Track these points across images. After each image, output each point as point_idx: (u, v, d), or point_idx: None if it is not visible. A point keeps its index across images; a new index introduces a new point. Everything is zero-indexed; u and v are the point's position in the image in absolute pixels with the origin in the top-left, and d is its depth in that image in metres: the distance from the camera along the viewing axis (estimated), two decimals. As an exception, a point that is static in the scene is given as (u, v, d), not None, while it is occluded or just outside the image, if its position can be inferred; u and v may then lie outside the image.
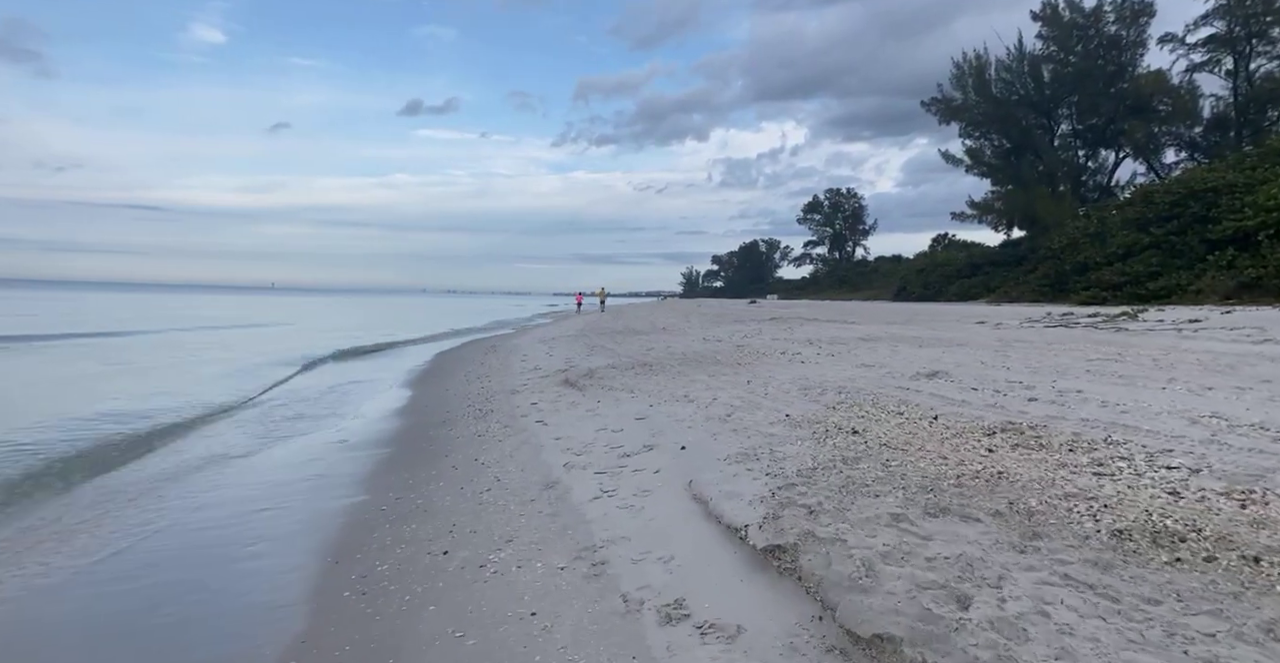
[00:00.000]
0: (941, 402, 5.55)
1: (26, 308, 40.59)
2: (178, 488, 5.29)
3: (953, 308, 33.10)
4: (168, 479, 5.55)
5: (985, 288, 43.83)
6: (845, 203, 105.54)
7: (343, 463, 6.10)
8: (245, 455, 6.43)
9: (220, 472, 5.83)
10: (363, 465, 5.97)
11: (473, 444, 6.31)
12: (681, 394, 7.35)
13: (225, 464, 6.08)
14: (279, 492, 5.20)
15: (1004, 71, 44.11)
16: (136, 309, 44.14)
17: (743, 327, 18.28)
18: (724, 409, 6.18)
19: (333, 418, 8.41)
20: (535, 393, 8.75)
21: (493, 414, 7.72)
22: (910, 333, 13.57)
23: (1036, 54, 42.96)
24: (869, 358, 9.05)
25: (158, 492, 5.17)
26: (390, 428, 7.73)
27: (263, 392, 10.54)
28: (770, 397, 6.58)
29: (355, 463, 6.07)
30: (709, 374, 8.62)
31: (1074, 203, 40.77)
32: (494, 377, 11.14)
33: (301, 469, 5.87)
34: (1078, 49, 41.21)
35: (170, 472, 5.79)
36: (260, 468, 6.00)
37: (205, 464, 6.07)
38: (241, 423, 8.15)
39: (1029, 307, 32.02)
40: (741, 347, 11.82)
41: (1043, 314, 19.78)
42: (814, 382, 7.25)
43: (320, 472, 5.78)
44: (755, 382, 7.70)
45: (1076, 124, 43.10)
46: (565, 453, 5.40)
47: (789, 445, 4.39)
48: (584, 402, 7.64)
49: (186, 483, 5.45)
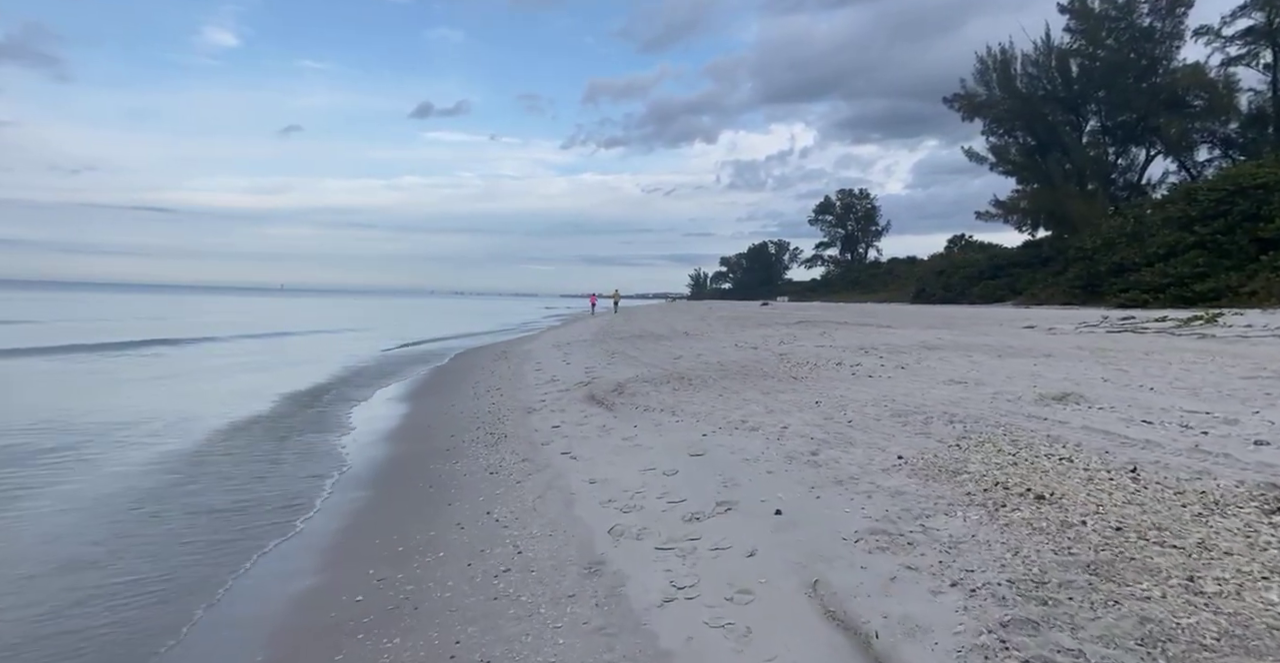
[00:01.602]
0: (1111, 440, 4.15)
1: (67, 311, 37.67)
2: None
3: (982, 311, 31.57)
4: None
5: (1010, 290, 42.28)
6: (857, 204, 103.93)
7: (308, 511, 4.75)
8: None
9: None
10: (332, 518, 4.61)
11: (483, 487, 4.95)
12: (738, 418, 5.98)
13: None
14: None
15: (1030, 66, 42.57)
16: (166, 313, 40.76)
17: (772, 330, 16.89)
18: (804, 444, 4.81)
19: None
20: (556, 413, 7.39)
21: (507, 441, 6.36)
22: (969, 339, 12.14)
23: (1064, 48, 41.39)
24: (952, 372, 7.65)
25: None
26: (379, 457, 6.38)
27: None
28: (859, 426, 5.20)
29: (323, 513, 4.72)
30: (762, 391, 7.24)
31: (1105, 202, 39.16)
32: (506, 389, 9.79)
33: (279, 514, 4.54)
34: (1108, 42, 39.61)
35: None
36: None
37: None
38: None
39: (1061, 309, 30.48)
40: (785, 355, 10.43)
41: (1098, 318, 18.28)
42: (904, 404, 5.87)
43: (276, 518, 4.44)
44: (827, 403, 6.32)
45: (1106, 120, 41.47)
46: (607, 507, 4.04)
47: (946, 518, 3.02)
48: (617, 426, 6.28)
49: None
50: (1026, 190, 43.95)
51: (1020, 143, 43.81)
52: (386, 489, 5.24)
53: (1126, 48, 38.76)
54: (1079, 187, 40.91)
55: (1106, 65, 39.40)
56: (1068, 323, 17.46)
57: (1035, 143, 43.10)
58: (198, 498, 4.99)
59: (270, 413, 8.54)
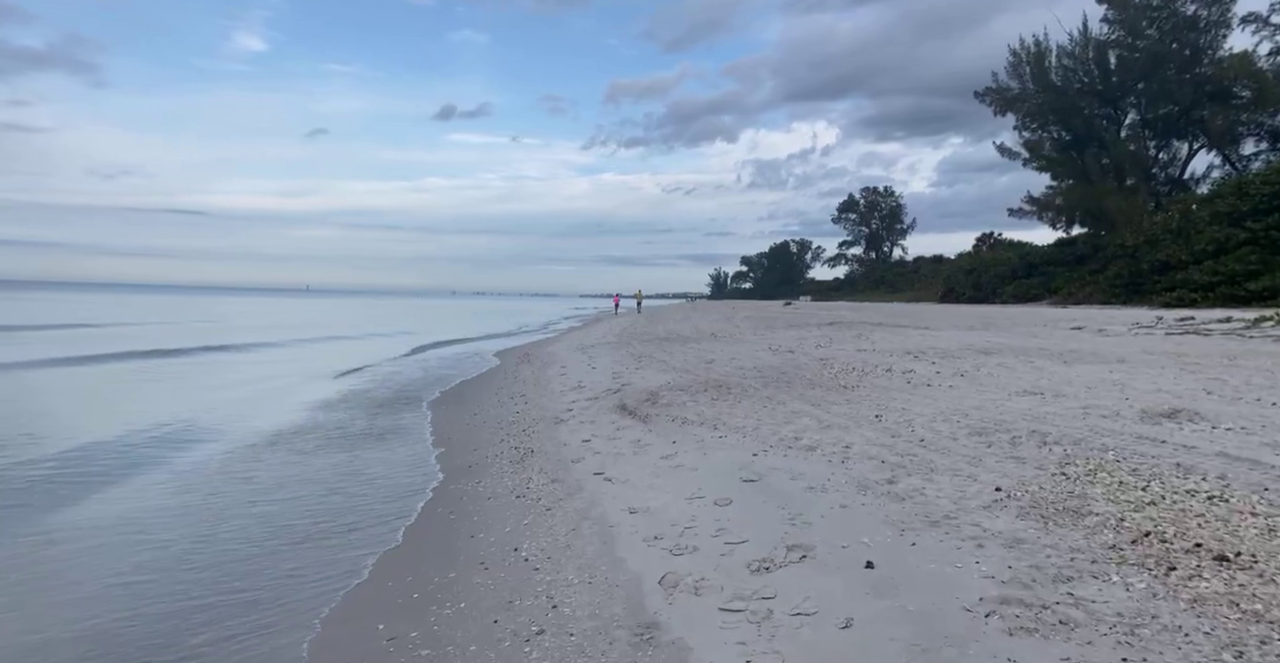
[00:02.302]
0: (1264, 473, 3.47)
1: (113, 314, 35.85)
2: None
3: (1018, 311, 30.46)
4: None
5: (1044, 289, 41.03)
6: (882, 202, 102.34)
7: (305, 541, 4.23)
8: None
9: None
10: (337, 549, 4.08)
11: (509, 514, 4.40)
12: (790, 434, 5.36)
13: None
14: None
15: (1065, 58, 41.27)
16: (210, 316, 38.54)
17: (804, 332, 16.19)
18: (875, 469, 4.18)
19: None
20: (586, 424, 6.82)
21: (534, 458, 5.81)
22: (1020, 342, 11.37)
23: (1102, 39, 40.01)
24: (1020, 380, 6.95)
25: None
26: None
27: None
28: (935, 447, 4.55)
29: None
30: (811, 402, 6.60)
31: (1146, 198, 37.74)
32: (531, 396, 9.25)
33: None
34: (1149, 32, 38.16)
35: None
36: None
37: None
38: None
39: (1101, 309, 29.32)
40: (826, 360, 9.77)
41: (1151, 319, 17.30)
42: (979, 420, 5.21)
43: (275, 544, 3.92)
44: (888, 416, 5.68)
45: (1146, 113, 39.99)
46: (653, 546, 3.45)
47: (1098, 583, 2.38)
48: (653, 441, 5.70)
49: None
50: (1061, 187, 42.62)
51: (1055, 138, 42.47)
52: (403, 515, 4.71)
53: (1169, 37, 37.31)
54: (1117, 182, 39.52)
55: (1147, 56, 37.98)
56: (1117, 324, 16.54)
57: (1071, 137, 41.76)
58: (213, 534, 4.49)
59: (298, 426, 8.08)
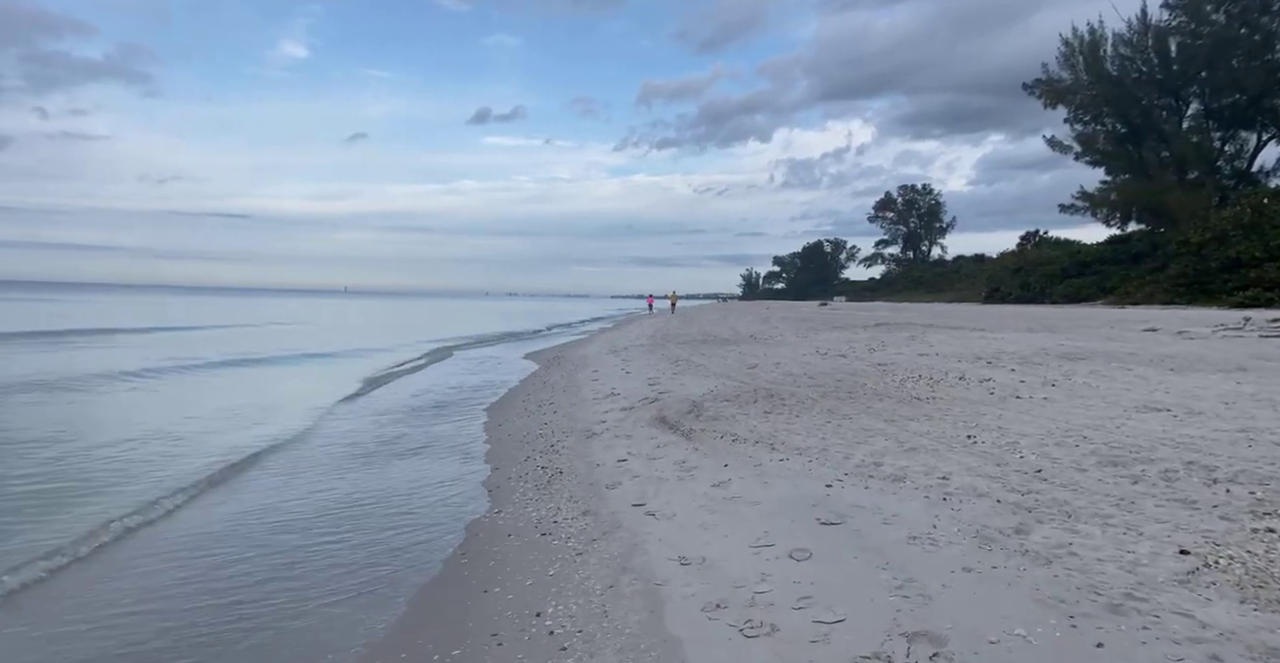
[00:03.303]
0: None
1: (176, 317, 33.95)
2: None
3: (1073, 311, 28.81)
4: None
5: (1098, 289, 38.99)
6: (920, 200, 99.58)
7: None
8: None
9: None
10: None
11: (532, 560, 3.61)
12: (866, 459, 4.49)
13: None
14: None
15: (1122, 47, 39.20)
16: (274, 319, 36.21)
17: (850, 334, 15.18)
18: (991, 510, 3.30)
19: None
20: (621, 439, 6.02)
21: (562, 480, 5.02)
22: (1103, 346, 10.24)
23: (1162, 26, 37.89)
24: (1130, 393, 5.95)
25: None
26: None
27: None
28: (1059, 480, 3.64)
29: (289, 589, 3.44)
30: (884, 418, 5.70)
31: (1212, 192, 35.58)
32: (560, 404, 8.49)
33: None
34: (1214, 18, 36.00)
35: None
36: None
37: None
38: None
39: (1164, 309, 27.53)
40: (886, 367, 8.82)
41: (1237, 320, 15.85)
42: (1103, 444, 4.26)
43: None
44: (982, 437, 4.76)
45: (1210, 103, 37.75)
46: (716, 622, 2.62)
47: None
48: (701, 464, 4.87)
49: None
50: (1116, 182, 40.55)
51: (1109, 130, 40.43)
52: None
53: (1237, 22, 35.12)
54: (1178, 176, 37.41)
55: (1212, 42, 35.81)
56: (1196, 325, 15.16)
57: (1127, 130, 39.70)
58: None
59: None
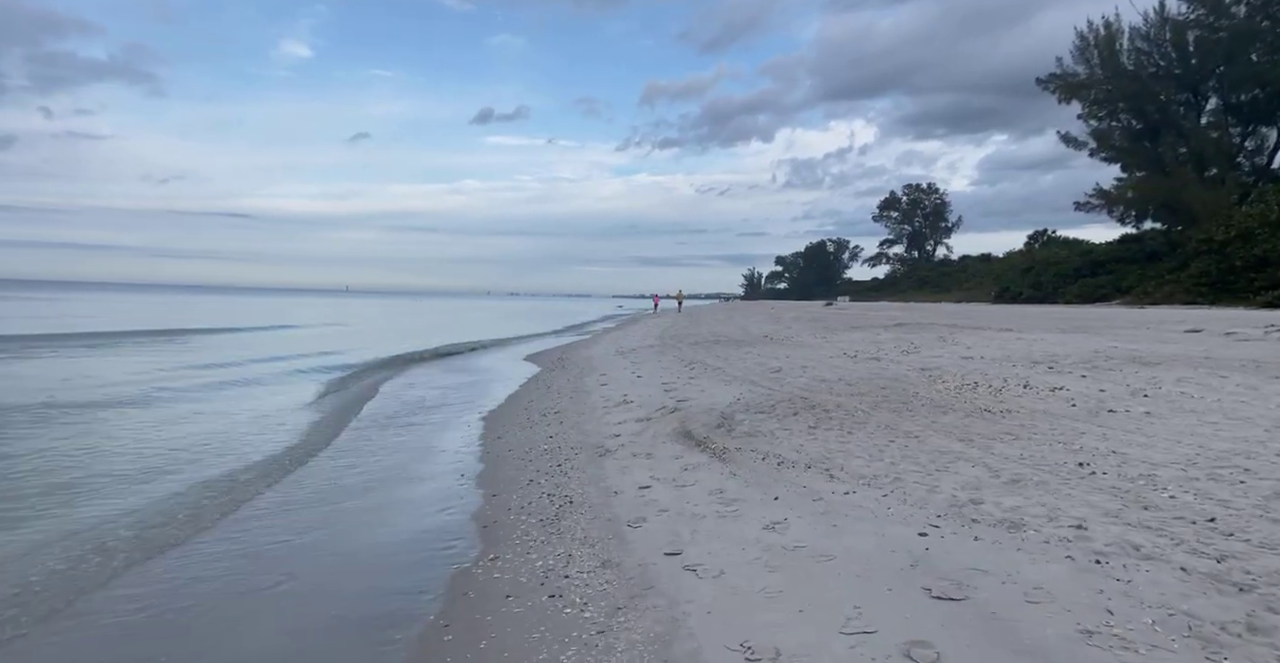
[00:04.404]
0: None
1: (190, 317, 32.02)
2: None
3: (1094, 311, 27.83)
4: None
5: (1114, 288, 38.03)
6: (925, 199, 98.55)
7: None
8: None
9: None
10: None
11: (536, 636, 2.69)
12: (960, 494, 3.57)
13: None
14: None
15: (1139, 41, 38.21)
16: (286, 319, 33.77)
17: (872, 335, 14.27)
18: (1181, 588, 2.39)
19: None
20: (640, 459, 5.10)
21: (573, 512, 4.10)
22: (1167, 349, 9.30)
23: (1181, 19, 36.91)
24: (1249, 408, 5.03)
25: None
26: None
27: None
28: (1245, 535, 2.73)
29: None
30: (958, 437, 4.78)
31: (1232, 189, 34.63)
32: (567, 412, 7.57)
33: None
34: (1234, 9, 35.04)
35: None
36: None
37: None
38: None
39: (1186, 309, 26.57)
40: (930, 372, 7.90)
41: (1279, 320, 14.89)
42: (1277, 478, 3.35)
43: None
44: (1099, 466, 3.85)
45: (1229, 98, 36.78)
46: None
47: None
48: (744, 495, 3.95)
49: None
50: (1133, 178, 39.56)
51: (1125, 126, 39.45)
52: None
53: (1258, 14, 34.17)
54: (1197, 173, 36.40)
55: (1233, 35, 34.85)
56: (1243, 326, 14.22)
57: (1143, 126, 38.72)
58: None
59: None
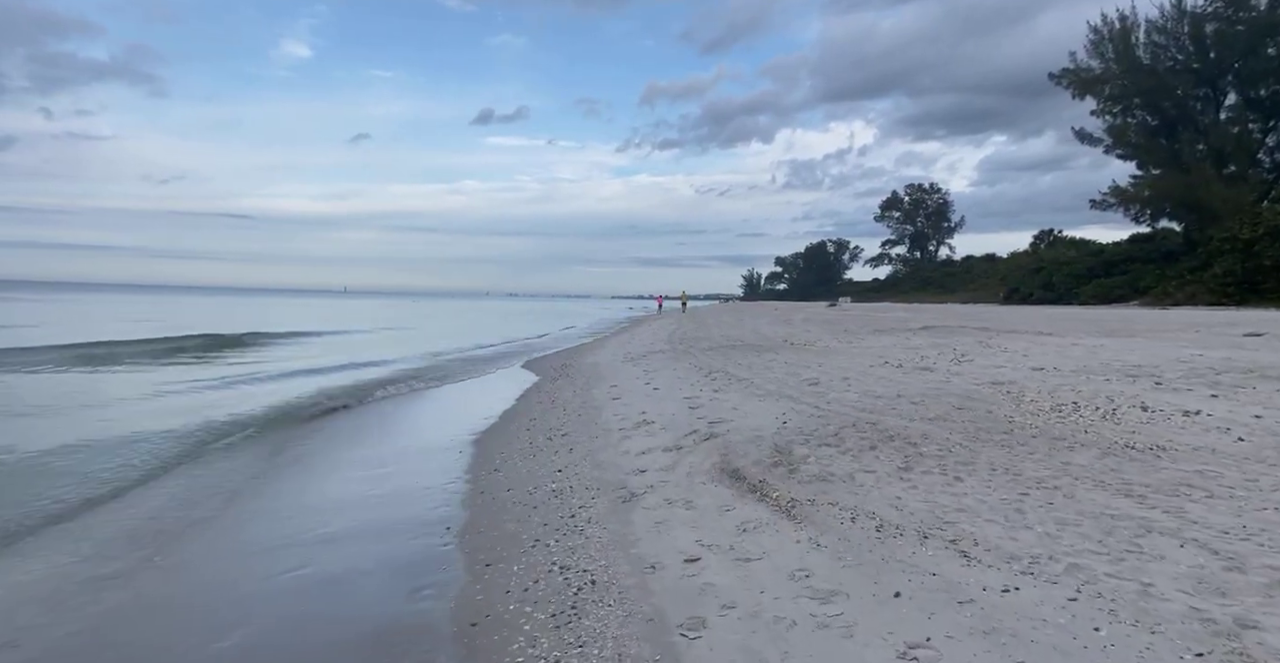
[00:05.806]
0: None
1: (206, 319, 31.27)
2: None
3: (1117, 312, 26.68)
4: None
5: (1131, 288, 36.97)
6: (927, 199, 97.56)
7: None
8: None
9: None
10: None
11: None
12: (1206, 606, 2.37)
13: None
14: None
15: (1156, 34, 37.18)
16: (303, 322, 32.09)
17: (903, 339, 13.10)
18: None
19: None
20: (678, 509, 3.89)
21: (598, 603, 2.87)
22: (1259, 357, 8.13)
23: (1199, 12, 35.89)
24: None
25: None
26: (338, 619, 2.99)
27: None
28: None
29: None
30: (1119, 492, 3.58)
31: (1254, 186, 33.58)
32: (576, 436, 6.35)
33: None
34: (1254, 1, 34.02)
35: None
36: None
37: None
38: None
39: (1213, 311, 25.46)
40: (1004, 386, 6.70)
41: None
42: None
43: None
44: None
45: (1250, 93, 35.75)
46: None
47: None
48: (843, 583, 2.75)
49: None
50: (1149, 176, 38.51)
51: (1141, 122, 38.40)
52: None
53: (1278, 7, 33.15)
54: (1216, 170, 35.37)
55: (1253, 28, 33.86)
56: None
57: (1160, 122, 37.68)
58: None
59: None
